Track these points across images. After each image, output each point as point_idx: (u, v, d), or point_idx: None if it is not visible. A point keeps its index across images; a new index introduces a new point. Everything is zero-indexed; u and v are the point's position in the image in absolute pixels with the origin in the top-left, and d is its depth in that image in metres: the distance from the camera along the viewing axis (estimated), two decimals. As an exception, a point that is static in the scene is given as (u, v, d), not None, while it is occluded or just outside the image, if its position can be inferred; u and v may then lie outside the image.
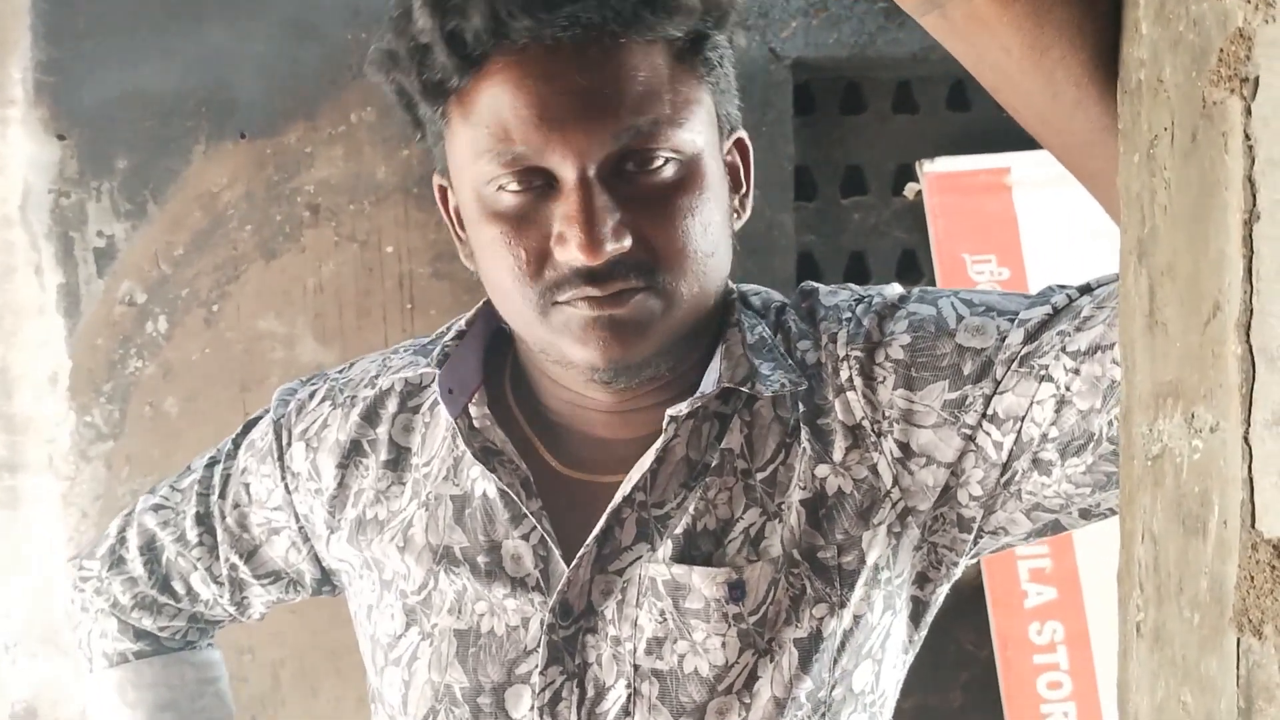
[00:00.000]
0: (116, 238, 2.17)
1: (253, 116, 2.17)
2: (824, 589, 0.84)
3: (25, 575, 2.19)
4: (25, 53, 2.14)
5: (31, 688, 2.19)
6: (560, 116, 0.78)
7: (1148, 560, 0.55)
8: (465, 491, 0.90)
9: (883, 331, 0.86)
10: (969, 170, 2.33)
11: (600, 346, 0.81)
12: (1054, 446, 0.79)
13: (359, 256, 2.19)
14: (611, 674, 0.85)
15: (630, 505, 0.86)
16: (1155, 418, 0.54)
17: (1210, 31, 0.48)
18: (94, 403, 2.18)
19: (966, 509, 0.85)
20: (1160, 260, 0.53)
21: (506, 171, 0.80)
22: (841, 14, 2.31)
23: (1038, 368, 0.79)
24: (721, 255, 0.85)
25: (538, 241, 0.80)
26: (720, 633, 0.84)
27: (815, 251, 2.46)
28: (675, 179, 0.81)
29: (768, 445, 0.86)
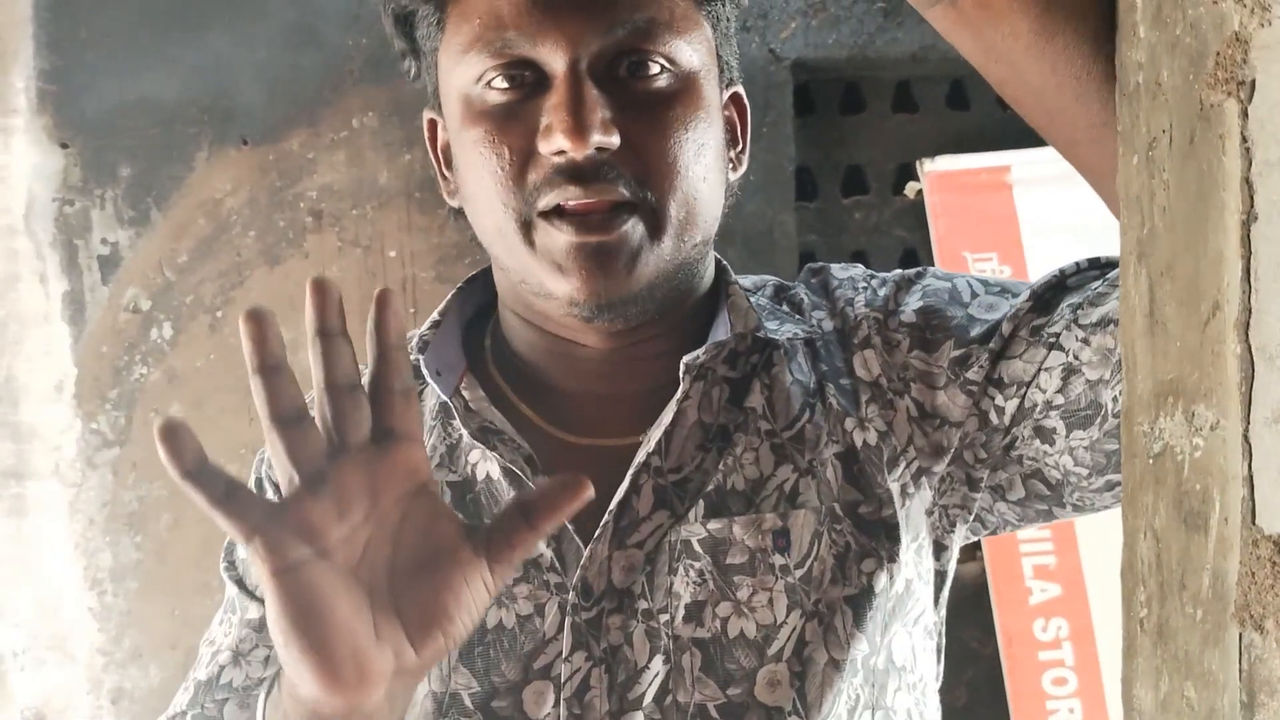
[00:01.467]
0: (121, 245, 2.18)
1: (255, 123, 2.18)
2: (870, 544, 0.81)
3: (33, 582, 2.19)
4: (28, 62, 2.15)
5: (40, 694, 2.20)
6: (554, 4, 0.76)
7: (1150, 557, 0.55)
8: (465, 477, 0.85)
9: (898, 301, 0.85)
10: (969, 169, 2.33)
11: (583, 277, 0.77)
12: (1058, 414, 0.78)
13: (362, 261, 2.20)
14: (645, 652, 0.79)
15: (646, 471, 0.81)
16: (1156, 416, 0.54)
17: (1207, 35, 0.49)
18: (100, 410, 2.19)
19: (975, 469, 0.83)
20: (1160, 261, 0.54)
21: (496, 64, 0.78)
22: (840, 15, 2.31)
23: (1047, 335, 0.78)
24: (714, 186, 0.82)
25: (522, 139, 0.77)
26: (767, 587, 0.79)
27: (817, 251, 2.46)
28: (670, 90, 0.79)
29: (791, 406, 0.83)
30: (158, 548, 2.20)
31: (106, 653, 2.20)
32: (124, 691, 2.20)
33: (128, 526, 2.20)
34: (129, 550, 2.20)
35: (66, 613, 2.19)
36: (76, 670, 2.19)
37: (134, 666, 2.20)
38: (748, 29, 2.28)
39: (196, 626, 2.18)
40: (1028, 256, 2.33)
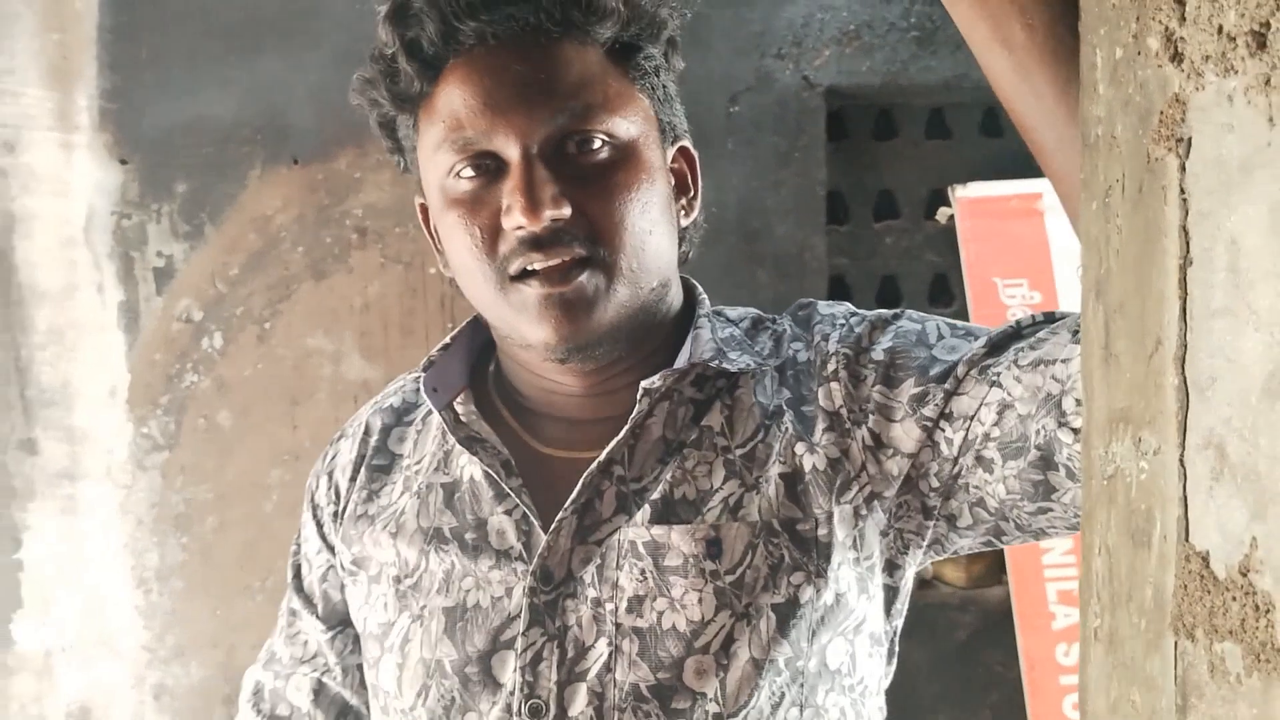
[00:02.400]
0: (175, 258, 2.25)
1: (305, 143, 2.24)
2: (801, 558, 0.90)
3: (82, 579, 2.26)
4: (91, 81, 2.23)
5: (85, 689, 2.26)
6: (503, 103, 0.88)
7: (1103, 571, 0.60)
8: (455, 478, 0.97)
9: (872, 339, 0.93)
10: (1001, 195, 2.35)
11: (553, 324, 0.88)
12: (995, 446, 0.86)
13: (403, 277, 2.26)
14: (592, 634, 0.89)
15: (610, 479, 0.92)
16: (1110, 441, 0.59)
17: (1153, 95, 0.54)
18: (151, 415, 2.26)
19: (928, 498, 0.91)
20: (1114, 299, 0.58)
21: (461, 158, 0.89)
22: (874, 43, 2.35)
23: (991, 374, 0.87)
24: (661, 237, 0.92)
25: (490, 219, 0.89)
26: (698, 589, 0.89)
27: (847, 275, 2.50)
28: (611, 159, 0.90)
29: (747, 426, 0.93)
30: (202, 549, 2.26)
31: (150, 650, 2.26)
32: (166, 688, 2.27)
33: (174, 528, 2.26)
34: (175, 551, 2.27)
35: (113, 610, 2.26)
36: (121, 666, 2.26)
37: (176, 664, 2.27)
38: (781, 56, 2.33)
39: (237, 626, 2.25)
40: (1058, 283, 2.35)
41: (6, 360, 2.24)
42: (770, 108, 2.31)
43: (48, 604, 2.26)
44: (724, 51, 2.30)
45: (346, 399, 2.25)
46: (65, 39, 2.22)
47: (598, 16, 0.90)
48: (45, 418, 2.25)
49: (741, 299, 1.09)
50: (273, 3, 2.23)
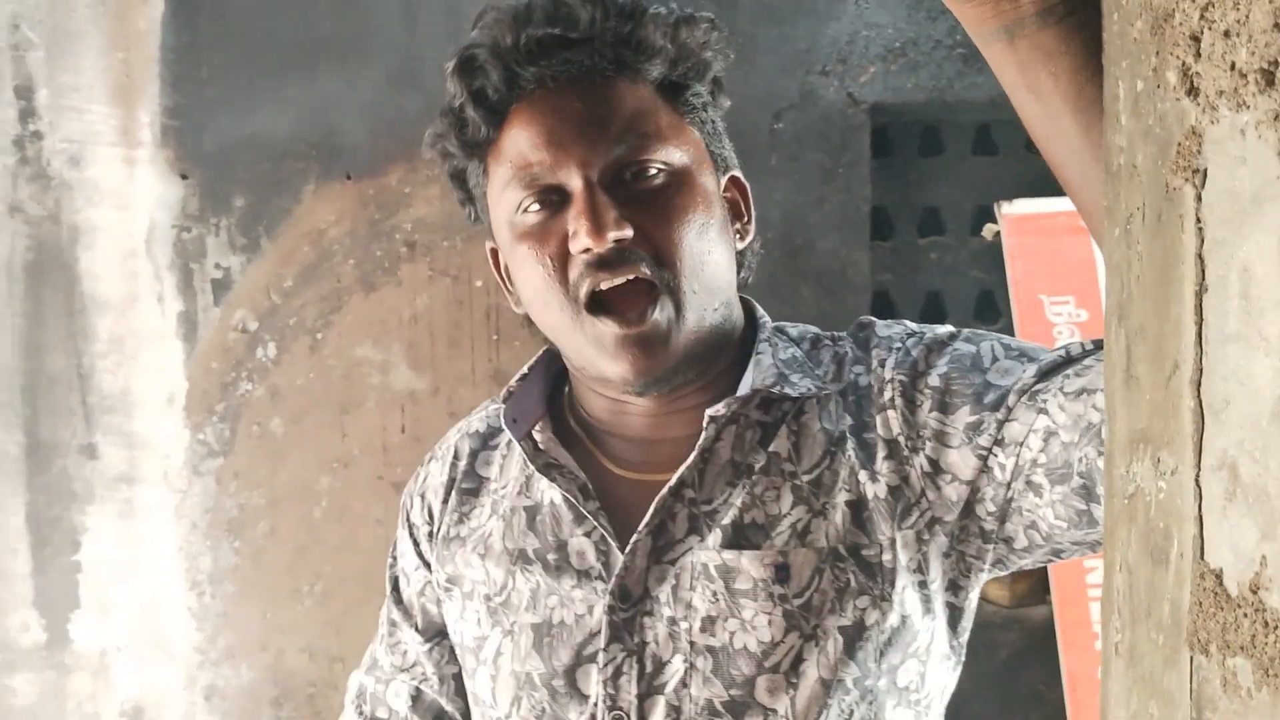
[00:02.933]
0: (232, 270, 2.29)
1: (358, 159, 2.29)
2: (867, 583, 0.93)
3: (138, 580, 2.30)
4: (153, 99, 2.28)
5: (139, 689, 2.30)
6: (564, 138, 0.94)
7: (1124, 588, 0.62)
8: (536, 502, 1.02)
9: (928, 363, 0.96)
10: (1048, 212, 2.34)
11: (630, 362, 0.93)
12: (1043, 472, 0.88)
13: (451, 290, 2.29)
14: (668, 650, 0.94)
15: (682, 501, 0.96)
16: (1131, 461, 0.61)
17: (1172, 127, 0.56)
18: (207, 422, 2.30)
19: (985, 522, 0.93)
20: (1135, 323, 0.60)
21: (528, 193, 0.95)
22: (920, 60, 2.36)
23: (1039, 401, 0.89)
24: (719, 258, 0.97)
25: (558, 246, 0.94)
26: (767, 612, 0.92)
27: (891, 290, 2.51)
28: (666, 184, 0.95)
29: (814, 452, 0.96)
30: (254, 553, 2.31)
31: (202, 651, 2.31)
32: (216, 689, 2.31)
33: (227, 532, 2.31)
34: (228, 555, 2.31)
35: (167, 612, 2.30)
36: (174, 667, 2.30)
37: (227, 665, 2.31)
38: (826, 73, 2.34)
39: (286, 630, 2.30)
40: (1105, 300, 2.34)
41: (69, 367, 2.29)
42: (815, 124, 2.33)
43: (104, 605, 2.30)
44: (768, 68, 2.32)
45: (394, 408, 2.29)
46: (129, 57, 2.28)
47: (647, 55, 0.96)
48: (105, 423, 2.30)
49: (785, 315, 1.11)
50: (328, 24, 2.28)
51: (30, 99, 2.27)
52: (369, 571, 2.27)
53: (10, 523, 2.29)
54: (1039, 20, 0.70)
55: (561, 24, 0.94)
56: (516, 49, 0.94)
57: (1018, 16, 0.71)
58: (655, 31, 0.96)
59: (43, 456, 2.29)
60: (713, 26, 0.99)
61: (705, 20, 0.99)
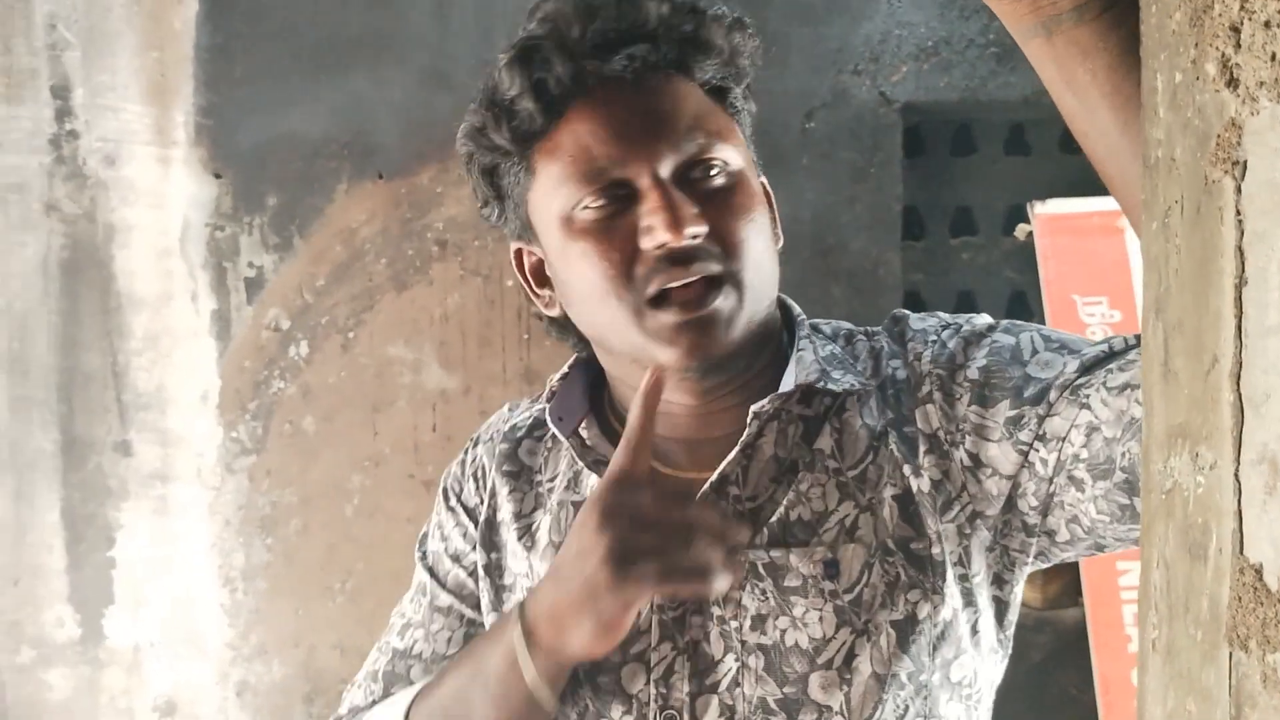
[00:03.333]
0: (265, 269, 2.31)
1: (390, 159, 2.30)
2: (917, 576, 0.92)
3: (172, 577, 2.32)
4: (188, 98, 2.31)
5: (172, 684, 2.33)
6: (633, 134, 0.93)
7: (1161, 583, 0.61)
8: (584, 497, 1.01)
9: (966, 355, 0.95)
10: (1082, 212, 2.32)
11: (687, 346, 0.92)
12: (1085, 467, 0.87)
13: (482, 290, 2.30)
14: (720, 649, 0.93)
15: (726, 499, 0.95)
16: (1168, 456, 0.60)
17: (1211, 119, 0.55)
18: (240, 420, 2.32)
19: (1028, 516, 0.93)
20: (1172, 316, 0.59)
21: (591, 189, 0.93)
22: (953, 59, 2.35)
23: (1081, 396, 0.88)
24: (772, 257, 0.97)
25: (625, 242, 0.92)
26: (818, 608, 0.92)
27: (923, 290, 2.49)
28: (729, 184, 0.95)
29: (857, 447, 0.95)
30: (286, 550, 2.32)
31: (234, 648, 2.33)
32: (248, 685, 2.33)
33: (260, 529, 2.33)
34: (260, 552, 2.33)
35: (200, 608, 2.32)
36: (206, 663, 2.32)
37: (259, 662, 2.33)
38: (858, 72, 2.34)
39: (318, 626, 2.31)
40: (1138, 301, 2.32)
41: (104, 365, 2.32)
42: (846, 123, 2.32)
43: (138, 601, 2.32)
44: (800, 68, 2.31)
45: (425, 407, 2.30)
46: (164, 57, 2.30)
47: (706, 55, 0.96)
48: (140, 421, 2.32)
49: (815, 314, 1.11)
50: (360, 24, 2.29)
51: (66, 98, 2.30)
52: (400, 569, 2.28)
53: (46, 519, 2.31)
54: (1075, 15, 0.70)
55: (629, 19, 0.93)
56: (582, 42, 0.92)
57: (1055, 12, 0.71)
58: (717, 32, 0.96)
59: (78, 453, 2.31)
60: (753, 34, 1.00)
61: (749, 25, 0.99)
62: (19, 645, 2.32)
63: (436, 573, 1.10)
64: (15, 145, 2.30)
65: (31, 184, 2.30)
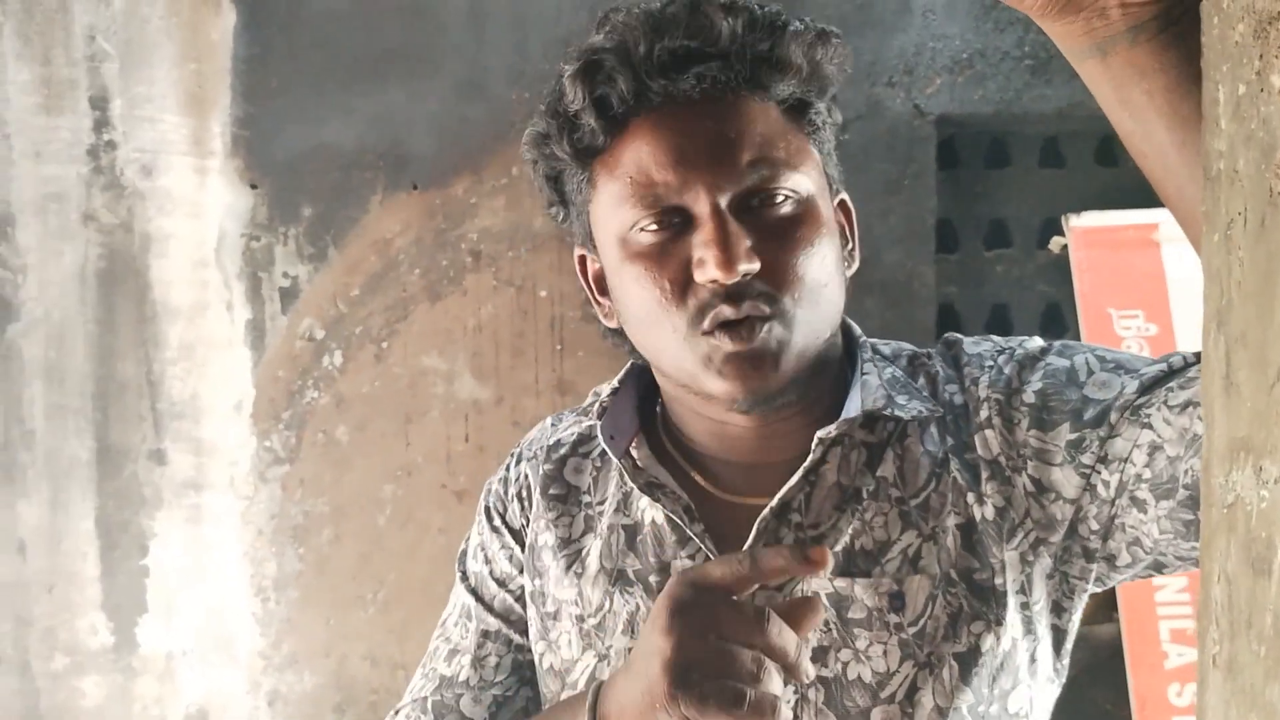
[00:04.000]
0: (300, 279, 2.32)
1: (424, 170, 2.30)
2: (980, 607, 0.91)
3: (204, 585, 2.33)
4: (225, 109, 2.32)
5: (204, 693, 2.33)
6: (694, 159, 0.89)
7: (1222, 599, 0.60)
8: (636, 521, 0.99)
9: (1022, 379, 0.93)
10: (1116, 225, 2.31)
11: (740, 380, 0.89)
12: (1147, 487, 0.86)
13: (515, 300, 2.30)
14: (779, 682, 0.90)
15: (788, 525, 0.93)
16: (1230, 470, 0.59)
17: (1276, 130, 0.55)
18: (273, 429, 2.33)
19: (1089, 541, 0.91)
20: (1235, 329, 0.59)
21: (647, 213, 0.90)
22: (987, 71, 2.34)
23: (1143, 416, 0.87)
24: (834, 288, 0.93)
25: (678, 271, 0.90)
26: (882, 641, 0.90)
27: (956, 303, 2.48)
28: (794, 214, 0.91)
29: (919, 475, 0.93)
30: (318, 560, 2.33)
31: (266, 657, 2.33)
32: (279, 694, 2.33)
33: (292, 539, 2.33)
34: (292, 561, 2.33)
35: (232, 617, 2.33)
36: (238, 672, 2.33)
37: (290, 671, 2.33)
38: (892, 84, 2.33)
39: (349, 636, 2.31)
40: (1175, 314, 2.30)
41: (139, 374, 2.33)
42: (881, 136, 2.32)
43: (171, 609, 2.33)
44: (834, 80, 2.31)
45: (458, 417, 2.30)
46: (201, 68, 2.32)
47: (783, 74, 0.91)
48: (174, 430, 2.33)
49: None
50: (395, 35, 2.31)
51: (105, 109, 2.32)
52: (431, 580, 2.29)
53: (80, 527, 2.32)
54: (1130, 37, 0.70)
55: (700, 37, 0.89)
56: (649, 59, 0.88)
57: (1109, 34, 0.70)
58: (796, 50, 0.91)
59: (113, 462, 2.33)
60: (841, 43, 0.95)
61: (837, 36, 0.94)
62: (53, 652, 2.33)
63: (482, 596, 1.07)
64: (54, 155, 2.32)
65: (69, 194, 2.32)
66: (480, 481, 2.32)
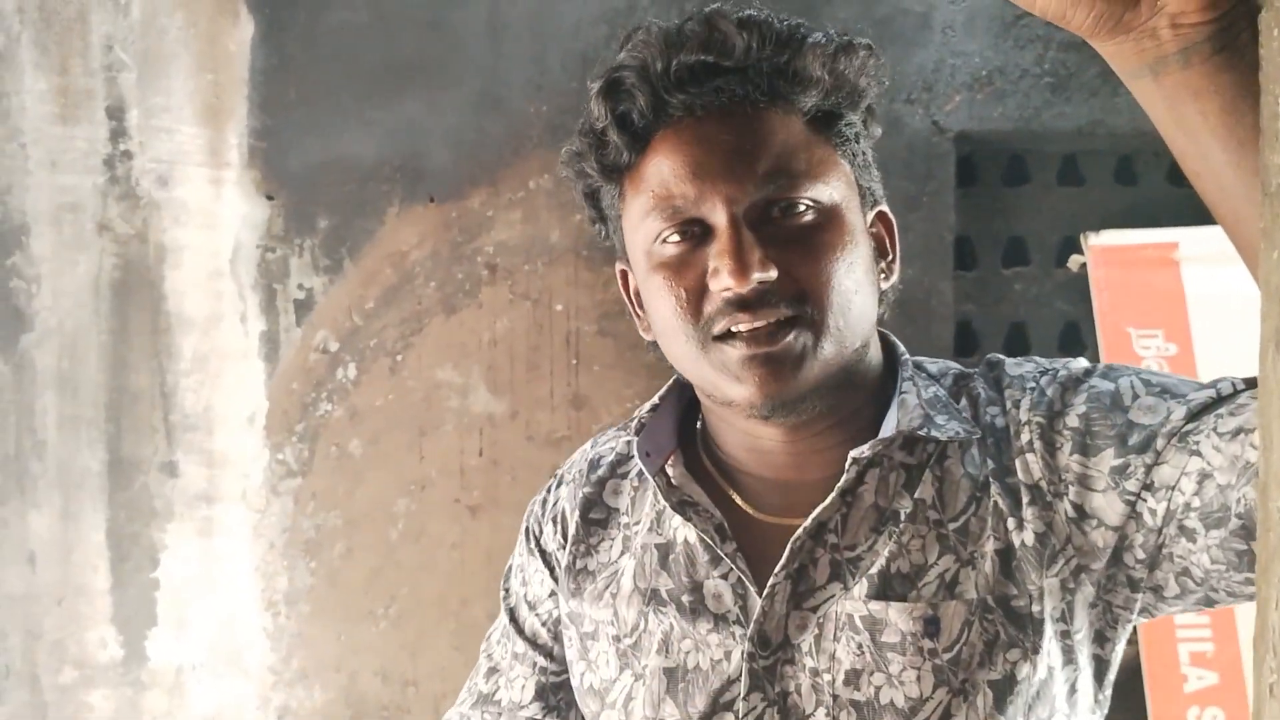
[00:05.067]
0: (315, 291, 2.31)
1: (441, 182, 2.30)
2: (1017, 635, 0.89)
3: (215, 598, 2.32)
4: (241, 120, 2.32)
5: (214, 706, 2.32)
6: (710, 171, 0.90)
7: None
8: (668, 540, 0.99)
9: (1064, 402, 0.91)
10: (1136, 244, 2.30)
11: (757, 383, 0.89)
12: (1196, 515, 0.83)
13: (531, 314, 2.29)
14: (811, 703, 0.90)
15: (824, 546, 0.92)
16: (1290, 493, 0.58)
17: (1343, 142, 0.53)
18: (286, 442, 2.32)
19: (1134, 570, 0.89)
20: (1296, 348, 0.57)
21: (669, 225, 0.91)
22: (1007, 89, 2.33)
23: (1191, 443, 0.84)
24: (865, 297, 0.92)
25: (695, 281, 0.91)
26: (916, 666, 0.89)
27: (974, 321, 2.46)
28: (816, 222, 0.91)
29: (959, 498, 0.92)
30: (330, 574, 2.31)
31: (276, 671, 2.32)
32: (290, 709, 2.31)
33: (304, 553, 2.32)
34: (304, 575, 2.32)
35: (242, 630, 2.32)
36: (248, 686, 2.31)
37: (300, 686, 2.32)
38: (911, 101, 2.32)
39: (360, 651, 2.29)
40: (1194, 334, 2.28)
41: (153, 385, 2.32)
42: (899, 152, 2.31)
43: (181, 622, 2.32)
44: (853, 96, 2.29)
45: (472, 431, 2.29)
46: (218, 79, 2.32)
47: (803, 86, 0.91)
48: (187, 441, 2.32)
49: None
50: (413, 48, 2.30)
51: (121, 119, 2.32)
52: (444, 595, 2.27)
53: (91, 538, 2.32)
54: (1183, 58, 0.68)
55: (716, 51, 0.90)
56: (666, 75, 0.90)
57: (1160, 55, 0.69)
58: (814, 62, 0.91)
59: (124, 473, 2.32)
60: (871, 53, 0.94)
61: (864, 47, 0.94)
62: (62, 665, 2.32)
63: (516, 617, 1.10)
64: (70, 165, 2.31)
65: (85, 204, 2.31)
66: (493, 496, 2.31)
